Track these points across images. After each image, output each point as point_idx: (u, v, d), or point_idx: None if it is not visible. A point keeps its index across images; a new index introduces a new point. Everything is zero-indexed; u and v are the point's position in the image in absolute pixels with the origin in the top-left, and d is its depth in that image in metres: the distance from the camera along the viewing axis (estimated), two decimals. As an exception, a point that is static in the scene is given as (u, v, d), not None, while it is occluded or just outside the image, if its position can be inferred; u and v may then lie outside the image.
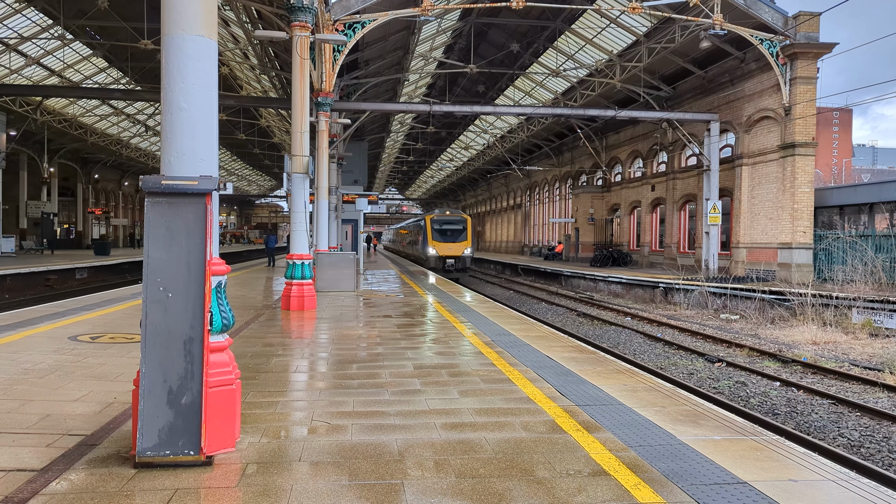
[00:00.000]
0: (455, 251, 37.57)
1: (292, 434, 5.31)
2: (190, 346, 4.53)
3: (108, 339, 9.70)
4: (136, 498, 3.98)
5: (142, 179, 4.55)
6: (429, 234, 38.15)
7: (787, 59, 25.16)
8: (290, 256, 14.58)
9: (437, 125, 51.89)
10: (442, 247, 37.54)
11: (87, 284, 29.79)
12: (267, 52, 31.51)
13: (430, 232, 38.19)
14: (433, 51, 36.21)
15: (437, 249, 37.49)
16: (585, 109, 32.16)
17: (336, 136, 27.82)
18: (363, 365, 8.17)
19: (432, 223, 38.56)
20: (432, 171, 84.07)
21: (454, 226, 38.59)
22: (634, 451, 4.98)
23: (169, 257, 4.55)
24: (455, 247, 37.68)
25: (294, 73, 14.80)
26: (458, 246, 37.79)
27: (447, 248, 37.54)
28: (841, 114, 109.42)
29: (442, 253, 37.36)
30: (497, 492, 4.17)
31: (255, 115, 48.15)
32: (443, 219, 39.12)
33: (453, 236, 38.09)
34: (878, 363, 14.02)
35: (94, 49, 35.17)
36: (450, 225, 38.61)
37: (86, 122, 45.39)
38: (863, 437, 9.45)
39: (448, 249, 37.48)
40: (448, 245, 37.65)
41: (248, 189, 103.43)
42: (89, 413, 5.75)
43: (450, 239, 37.93)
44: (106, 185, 60.77)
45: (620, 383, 7.25)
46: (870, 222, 25.81)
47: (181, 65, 4.70)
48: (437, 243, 37.68)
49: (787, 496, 4.13)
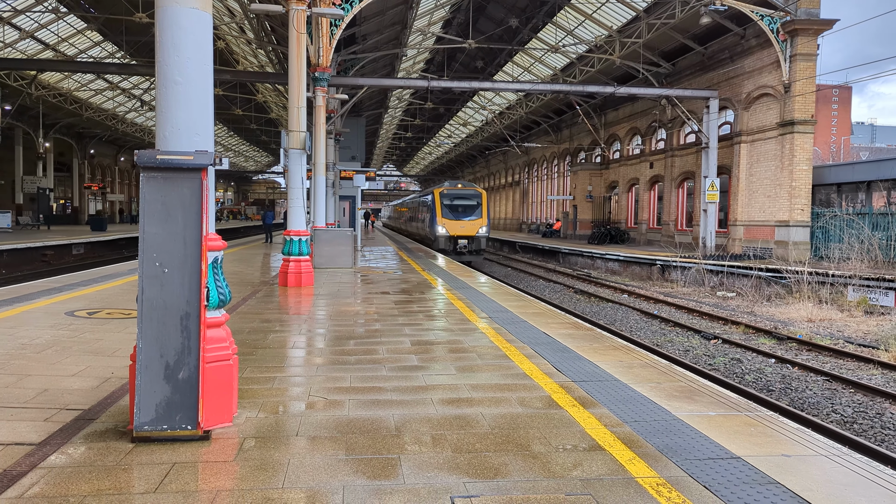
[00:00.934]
0: (468, 230, 32.53)
1: (290, 409, 5.33)
2: (186, 321, 4.53)
3: (105, 315, 9.71)
4: (133, 471, 4.01)
5: (137, 154, 4.52)
6: (437, 211, 32.73)
7: (787, 36, 24.98)
8: (287, 233, 14.56)
9: (435, 101, 51.60)
10: (453, 225, 32.50)
11: (83, 260, 29.77)
12: (263, 27, 31.21)
13: (439, 208, 32.84)
14: (431, 26, 35.88)
15: (447, 228, 32.44)
16: (584, 86, 31.95)
17: (333, 112, 27.64)
18: (361, 341, 8.20)
19: (442, 198, 33.12)
20: (430, 148, 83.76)
21: (467, 201, 33.30)
22: (630, 426, 5.02)
23: (165, 233, 4.54)
24: (468, 225, 32.61)
25: (291, 47, 14.66)
26: (471, 224, 32.69)
27: (459, 226, 32.51)
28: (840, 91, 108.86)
29: (453, 232, 32.40)
30: (493, 466, 4.20)
31: (251, 90, 47.82)
32: (454, 192, 33.60)
33: (466, 213, 32.87)
34: (873, 340, 14.09)
35: (88, 23, 34.83)
36: (462, 200, 33.27)
37: (81, 97, 45.06)
38: (856, 414, 9.52)
39: (460, 228, 32.48)
40: (460, 223, 32.57)
41: (245, 165, 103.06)
42: (87, 388, 5.77)
43: (462, 216, 32.69)
44: (102, 161, 60.47)
45: (616, 360, 7.28)
46: (867, 200, 25.80)
47: (175, 38, 4.65)
48: (447, 221, 32.48)
49: (780, 471, 4.17)
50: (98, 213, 57.94)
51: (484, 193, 34.14)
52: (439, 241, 32.51)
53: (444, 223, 32.59)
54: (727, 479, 4.04)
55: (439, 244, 32.44)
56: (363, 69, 34.32)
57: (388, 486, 3.88)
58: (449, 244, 32.51)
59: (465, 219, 32.74)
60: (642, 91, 30.96)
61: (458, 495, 3.76)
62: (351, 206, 33.49)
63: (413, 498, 3.71)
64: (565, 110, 46.44)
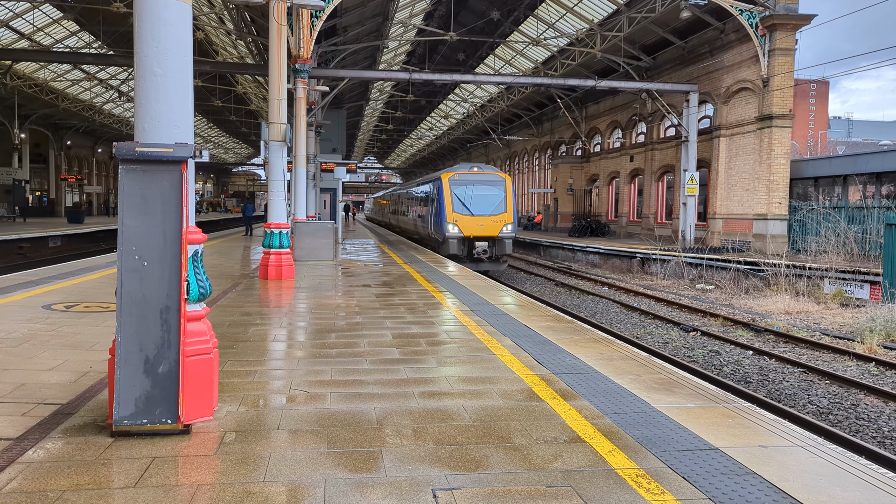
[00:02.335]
0: (489, 229, 24.37)
1: (271, 402, 5.32)
2: (166, 314, 4.50)
3: (83, 308, 9.61)
4: (113, 466, 3.98)
5: (115, 146, 4.48)
6: (447, 203, 24.62)
7: (766, 31, 25.18)
8: (267, 225, 14.48)
9: (416, 94, 51.44)
10: (469, 223, 24.41)
11: (60, 253, 29.41)
12: (243, 17, 30.91)
13: (448, 199, 24.68)
14: (412, 18, 35.74)
15: (460, 227, 24.34)
16: (565, 79, 32.03)
17: (314, 104, 27.48)
18: (342, 334, 8.18)
19: (453, 185, 25.01)
20: (412, 140, 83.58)
21: (487, 189, 25.08)
22: (610, 418, 5.06)
23: (144, 225, 4.50)
24: (489, 223, 24.46)
25: (271, 38, 14.55)
26: (493, 221, 24.50)
27: (476, 224, 24.37)
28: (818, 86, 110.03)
29: (469, 232, 24.28)
30: (474, 458, 4.22)
31: (231, 81, 47.38)
32: (470, 178, 25.37)
33: (486, 206, 24.76)
34: (848, 332, 14.30)
35: (64, 12, 34.28)
36: (482, 187, 25.09)
37: (57, 88, 44.40)
38: (831, 405, 9.67)
39: (478, 227, 24.35)
40: (478, 220, 24.45)
41: (224, 157, 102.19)
42: (65, 382, 5.72)
43: (481, 210, 24.67)
44: (79, 152, 59.68)
45: (597, 352, 7.33)
46: (843, 194, 26.15)
47: (155, 29, 4.60)
48: (460, 217, 24.44)
49: (757, 461, 4.23)
50: (75, 205, 57.21)
51: (508, 179, 25.75)
52: (449, 244, 24.30)
53: (457, 220, 24.47)
54: (706, 469, 4.09)
55: (449, 248, 24.27)
56: (344, 61, 34.13)
57: (370, 479, 3.89)
58: (462, 248, 24.56)
59: (484, 214, 24.64)
60: (623, 85, 31.09)
61: (439, 488, 3.78)
62: (332, 199, 33.34)
63: (395, 491, 3.73)
64: (547, 103, 46.52)
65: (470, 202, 24.80)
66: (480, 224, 24.38)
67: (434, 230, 26.10)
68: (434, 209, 26.17)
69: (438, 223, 25.30)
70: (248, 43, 35.14)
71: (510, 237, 24.78)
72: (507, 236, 24.65)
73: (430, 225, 26.75)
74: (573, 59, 34.73)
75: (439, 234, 25.18)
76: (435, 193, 26.30)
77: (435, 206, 26.01)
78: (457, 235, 24.37)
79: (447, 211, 24.62)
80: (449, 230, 24.37)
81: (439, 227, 25.12)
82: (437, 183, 25.94)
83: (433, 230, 26.31)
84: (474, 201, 24.84)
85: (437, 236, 25.55)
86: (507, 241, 24.67)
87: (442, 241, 24.81)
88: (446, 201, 24.77)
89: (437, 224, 25.48)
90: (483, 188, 25.14)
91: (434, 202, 26.29)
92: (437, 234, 25.53)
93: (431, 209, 26.74)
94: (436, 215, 25.79)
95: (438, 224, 25.32)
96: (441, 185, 25.25)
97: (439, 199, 25.33)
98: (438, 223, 25.30)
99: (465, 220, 24.46)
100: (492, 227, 24.45)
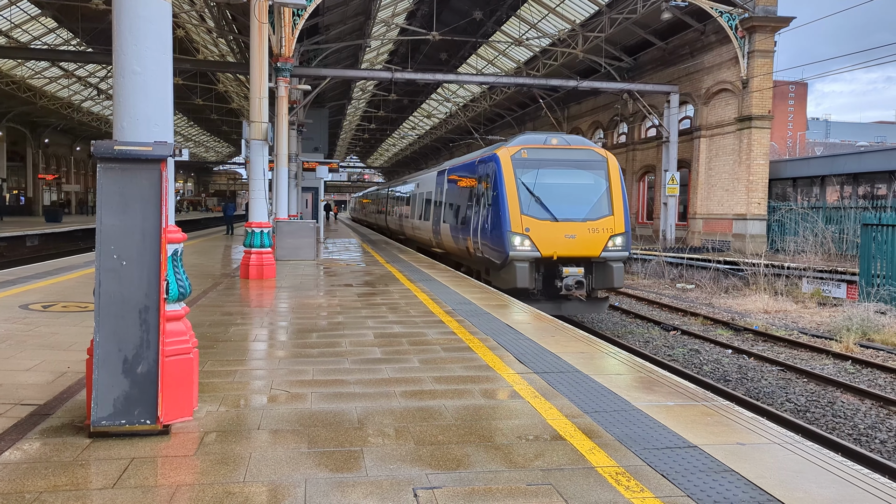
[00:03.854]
0: (585, 247, 14.45)
1: (251, 402, 5.29)
2: (145, 314, 4.47)
3: (61, 308, 9.51)
4: (91, 467, 3.95)
5: (94, 145, 4.44)
6: (509, 199, 14.63)
7: (745, 32, 25.43)
8: (248, 224, 14.40)
9: (399, 93, 51.40)
10: (550, 233, 14.38)
11: (38, 252, 29.06)
12: (224, 15, 30.72)
13: (512, 192, 14.70)
14: (395, 17, 35.71)
15: (536, 242, 14.33)
16: (547, 79, 32.18)
17: (296, 103, 27.38)
18: (323, 334, 8.16)
19: (519, 167, 14.97)
20: (394, 140, 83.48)
21: (579, 173, 15.17)
22: (590, 416, 5.09)
23: (123, 225, 4.46)
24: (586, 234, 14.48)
25: (252, 37, 14.48)
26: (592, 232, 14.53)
27: (563, 237, 14.37)
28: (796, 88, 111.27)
29: (550, 250, 14.27)
30: (455, 458, 4.23)
31: (212, 79, 47.05)
32: (548, 155, 15.26)
33: (578, 204, 14.79)
34: (826, 331, 14.48)
35: (42, 8, 33.87)
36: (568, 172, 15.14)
37: (35, 85, 43.87)
38: (809, 402, 9.79)
39: (566, 244, 14.35)
40: (567, 229, 14.41)
41: (205, 156, 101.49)
42: (42, 383, 5.66)
43: (570, 213, 14.58)
44: (57, 151, 59.01)
45: (578, 351, 7.37)
46: (821, 194, 26.47)
47: (134, 26, 4.56)
48: (536, 223, 14.42)
49: (735, 459, 4.27)
50: (53, 203, 56.57)
51: (612, 158, 15.52)
52: (516, 270, 14.12)
53: (530, 227, 14.37)
54: (684, 467, 4.13)
55: (516, 276, 14.12)
56: (326, 60, 34.03)
57: (351, 478, 3.88)
58: (534, 277, 14.47)
59: (576, 218, 14.53)
60: (604, 85, 31.27)
61: (420, 487, 3.78)
62: (314, 198, 33.22)
63: (375, 490, 3.72)
64: (529, 103, 46.67)
65: (551, 198, 14.64)
66: (570, 236, 14.29)
67: (483, 245, 15.54)
68: (484, 210, 15.65)
69: (493, 234, 14.88)
70: (230, 41, 34.95)
71: (621, 256, 14.59)
72: (616, 256, 14.46)
73: (476, 236, 16.09)
74: (555, 59, 34.86)
75: (495, 253, 14.79)
76: (485, 182, 15.70)
77: (486, 205, 15.56)
78: (528, 255, 14.16)
79: (511, 213, 14.40)
80: (515, 245, 14.20)
81: (496, 240, 14.72)
82: (491, 164, 15.44)
83: (482, 245, 15.66)
84: (558, 197, 14.70)
85: (491, 254, 15.03)
86: (614, 265, 14.42)
87: (501, 265, 14.51)
88: (508, 195, 14.57)
89: (492, 235, 14.98)
90: (571, 174, 15.06)
91: (483, 198, 15.78)
92: (491, 251, 15.02)
93: (479, 209, 16.06)
94: (488, 220, 15.26)
95: (493, 235, 14.86)
96: (498, 169, 14.93)
97: (495, 188, 15.01)
98: (493, 234, 14.88)
99: (542, 228, 14.29)
100: (589, 244, 14.32)
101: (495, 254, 14.71)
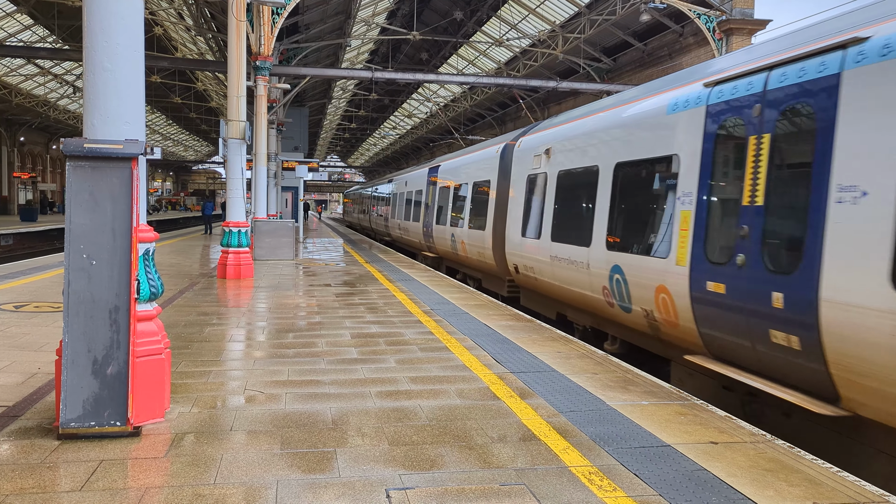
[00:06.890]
0: None
1: (225, 403, 5.25)
2: (116, 315, 4.41)
3: (33, 308, 9.38)
4: (59, 469, 3.89)
5: (63, 142, 4.38)
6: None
7: (723, 34, 25.65)
8: (226, 224, 14.29)
9: (379, 92, 51.30)
10: None
11: (12, 251, 28.65)
12: (203, 13, 30.47)
13: None
14: (376, 16, 35.61)
15: None
16: (528, 80, 32.21)
17: (275, 102, 27.21)
18: (300, 334, 8.11)
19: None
20: (375, 139, 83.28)
21: None
22: (565, 416, 5.10)
23: (93, 224, 4.40)
24: None
25: (230, 35, 14.37)
26: None
27: None
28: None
29: None
30: (429, 458, 4.21)
31: (191, 78, 46.64)
32: None
33: None
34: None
35: (18, 5, 33.37)
36: None
37: (10, 82, 43.19)
38: (783, 401, 9.88)
39: None
40: None
41: (184, 155, 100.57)
42: (11, 384, 5.57)
43: None
44: (33, 149, 58.19)
45: (555, 351, 7.39)
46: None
47: (105, 22, 4.51)
48: None
49: (707, 458, 4.30)
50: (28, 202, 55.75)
51: None
52: None
53: None
54: (657, 466, 4.15)
55: None
56: (306, 59, 33.85)
57: (323, 479, 3.86)
58: None
59: None
60: (584, 86, 31.39)
61: (393, 487, 3.77)
62: (294, 197, 33.03)
63: (348, 491, 3.70)
64: (509, 104, 46.75)
65: None
66: None
67: None
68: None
69: None
70: (209, 39, 34.66)
71: None
72: None
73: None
74: (535, 60, 34.95)
75: None
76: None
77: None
78: None
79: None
80: None
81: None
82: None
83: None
84: None
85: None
86: None
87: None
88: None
89: None
90: None
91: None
92: None
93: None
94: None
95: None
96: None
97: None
98: None
99: None
100: None
101: None
